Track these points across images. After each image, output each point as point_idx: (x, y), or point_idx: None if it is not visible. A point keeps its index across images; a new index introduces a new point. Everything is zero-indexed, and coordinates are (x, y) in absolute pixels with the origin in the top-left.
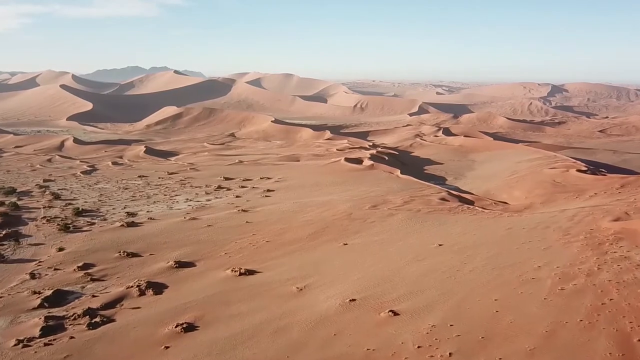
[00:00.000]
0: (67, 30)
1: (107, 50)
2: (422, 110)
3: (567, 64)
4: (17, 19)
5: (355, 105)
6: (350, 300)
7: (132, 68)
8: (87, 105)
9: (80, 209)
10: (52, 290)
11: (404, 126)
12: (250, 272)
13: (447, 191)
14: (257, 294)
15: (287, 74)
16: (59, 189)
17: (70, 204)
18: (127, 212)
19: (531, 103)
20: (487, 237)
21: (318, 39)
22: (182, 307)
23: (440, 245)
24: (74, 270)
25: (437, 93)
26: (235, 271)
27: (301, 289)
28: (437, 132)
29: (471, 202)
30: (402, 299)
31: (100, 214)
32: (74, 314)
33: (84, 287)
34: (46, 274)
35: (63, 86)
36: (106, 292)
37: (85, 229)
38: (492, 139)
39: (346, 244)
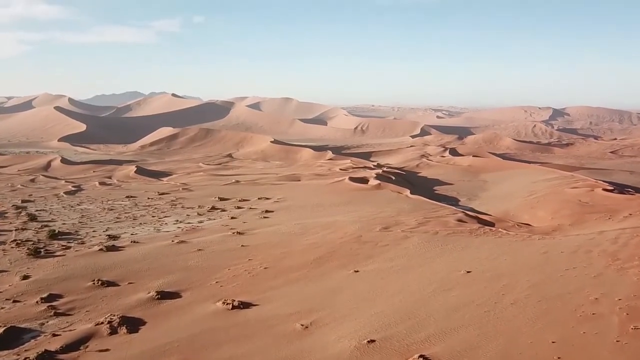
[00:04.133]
0: (65, 57)
1: (106, 76)
2: (424, 132)
3: (564, 88)
4: (17, 46)
5: (356, 128)
6: (369, 342)
7: (131, 93)
8: (81, 127)
9: (57, 231)
10: (4, 328)
11: (408, 147)
12: (245, 305)
13: (463, 212)
14: (253, 333)
15: (286, 98)
16: (36, 210)
17: (46, 225)
18: (109, 235)
19: (535, 125)
20: (522, 263)
21: (316, 65)
22: (160, 350)
23: (468, 272)
24: (37, 302)
25: (438, 117)
26: (227, 304)
27: (307, 327)
28: (443, 152)
29: (492, 224)
30: (433, 339)
31: (79, 236)
32: (25, 358)
33: (44, 324)
34: (2, 307)
35: (57, 108)
36: (70, 330)
37: (58, 253)
38: (501, 159)
39: (357, 271)
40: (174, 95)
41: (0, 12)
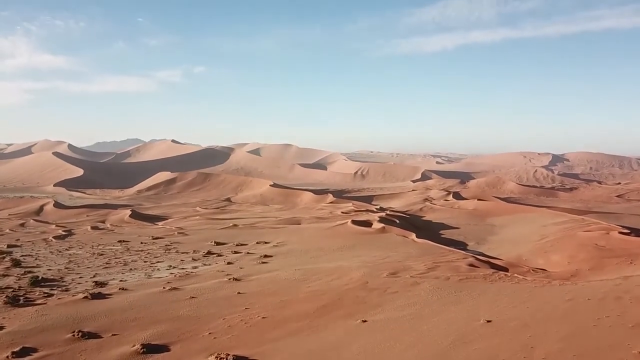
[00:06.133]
0: (67, 105)
1: (107, 123)
2: (425, 176)
3: (561, 135)
4: (20, 95)
5: (356, 172)
6: None
7: (131, 140)
8: (78, 172)
9: (40, 277)
10: None
11: (410, 191)
12: None
13: (474, 256)
14: None
15: (285, 144)
16: (22, 255)
17: (30, 271)
18: (96, 282)
19: (536, 170)
20: (547, 311)
21: (315, 113)
22: None
23: (488, 321)
24: (7, 357)
25: (437, 162)
26: (220, 358)
27: None
28: (446, 196)
29: (505, 269)
30: None
31: (64, 283)
32: None
33: None
34: None
35: (55, 153)
36: None
37: (39, 301)
38: (506, 203)
39: (365, 321)
40: (173, 141)
41: (6, 63)
